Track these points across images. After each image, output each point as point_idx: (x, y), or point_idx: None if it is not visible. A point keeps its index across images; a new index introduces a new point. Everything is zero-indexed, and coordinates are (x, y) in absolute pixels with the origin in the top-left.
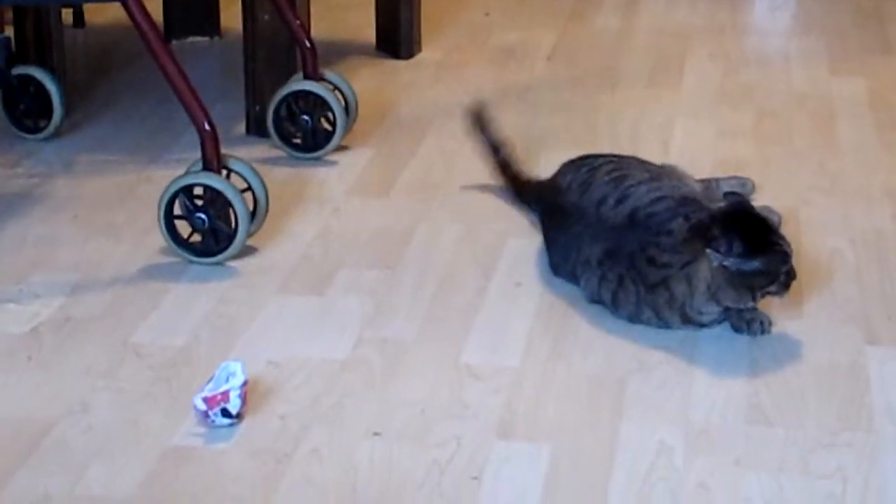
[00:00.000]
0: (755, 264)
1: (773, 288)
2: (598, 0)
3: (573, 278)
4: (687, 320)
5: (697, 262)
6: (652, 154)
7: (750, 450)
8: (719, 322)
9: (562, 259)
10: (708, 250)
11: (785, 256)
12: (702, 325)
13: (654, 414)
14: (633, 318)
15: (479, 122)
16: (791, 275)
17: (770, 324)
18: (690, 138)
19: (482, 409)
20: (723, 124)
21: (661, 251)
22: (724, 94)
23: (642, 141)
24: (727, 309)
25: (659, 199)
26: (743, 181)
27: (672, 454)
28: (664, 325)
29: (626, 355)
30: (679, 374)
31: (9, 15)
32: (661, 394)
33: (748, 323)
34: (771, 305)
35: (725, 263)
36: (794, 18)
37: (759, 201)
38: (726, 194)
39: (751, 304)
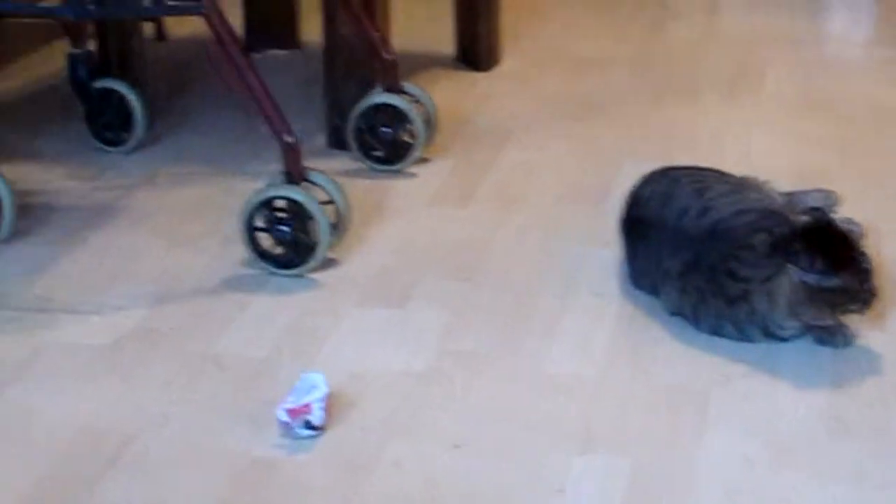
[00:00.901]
0: (836, 281)
1: (853, 305)
2: (677, 10)
3: (654, 290)
4: (768, 334)
5: (778, 277)
6: (732, 165)
7: (833, 463)
8: (802, 335)
9: (642, 271)
10: (789, 266)
11: (866, 274)
12: (783, 339)
13: (737, 427)
14: (715, 331)
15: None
16: (872, 292)
17: (853, 336)
18: (771, 149)
19: (563, 420)
20: (803, 134)
21: (742, 265)
22: (804, 103)
23: (722, 152)
24: (811, 323)
25: (741, 211)
26: (827, 194)
27: (754, 467)
28: (745, 338)
29: (708, 367)
30: (762, 387)
31: (91, 29)
32: (743, 406)
33: (831, 335)
34: (853, 318)
35: (806, 280)
36: (874, 27)
37: (840, 213)
38: (810, 209)
39: (830, 321)
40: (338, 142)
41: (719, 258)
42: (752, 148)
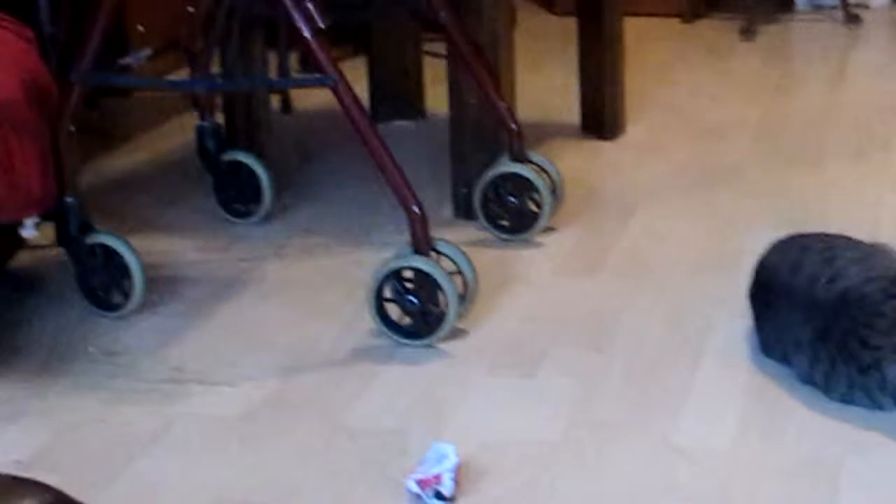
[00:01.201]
0: None
1: None
2: (802, 75)
3: (785, 359)
4: None
5: None
6: (862, 232)
7: None
8: None
9: (773, 339)
10: None
11: None
12: None
13: (872, 496)
14: (846, 400)
15: None
16: None
17: None
18: None
19: (696, 491)
20: None
21: (874, 333)
22: None
23: (852, 219)
24: None
25: (871, 279)
26: None
27: None
28: (878, 407)
29: (841, 437)
30: None
31: (219, 101)
32: (878, 475)
33: None
34: None
35: None
36: None
37: None
38: None
39: None
40: (464, 211)
41: (850, 326)
42: (882, 214)
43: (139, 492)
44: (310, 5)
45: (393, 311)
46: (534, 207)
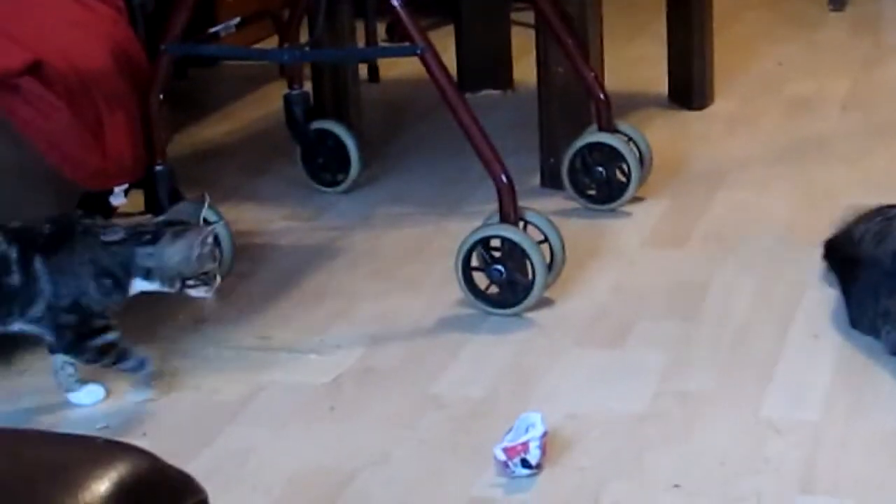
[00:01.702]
0: None
1: None
2: (893, 46)
3: (873, 331)
4: None
5: None
6: None
7: None
8: None
9: (860, 311)
10: None
11: None
12: None
13: None
14: None
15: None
16: None
17: None
18: None
19: (783, 463)
20: None
21: None
22: None
23: None
24: None
25: None
26: None
27: None
28: None
29: None
30: None
31: (307, 70)
32: None
33: None
34: None
35: None
36: None
37: None
38: None
39: None
40: (552, 181)
41: None
42: None
43: (228, 459)
44: None
45: (480, 280)
46: (621, 177)
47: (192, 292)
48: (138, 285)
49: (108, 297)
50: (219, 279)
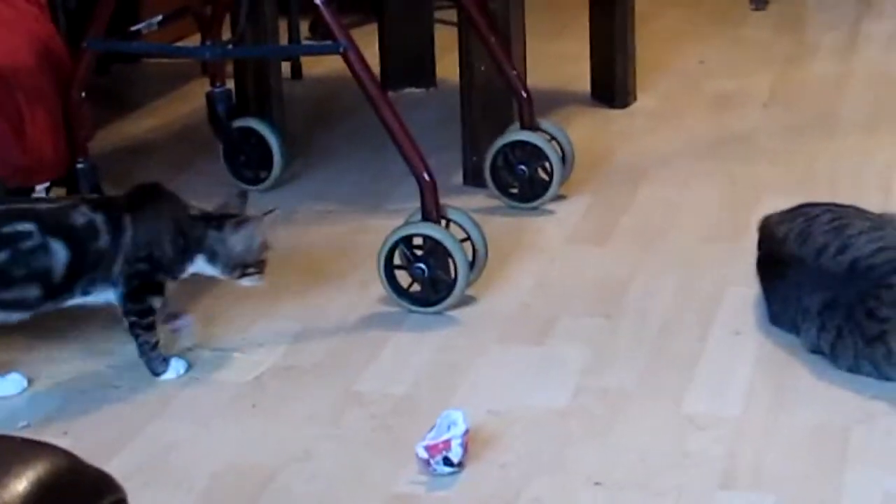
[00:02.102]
0: None
1: None
2: (814, 46)
3: (793, 328)
4: None
5: None
6: (872, 202)
7: None
8: None
9: (781, 308)
10: None
11: None
12: None
13: (880, 464)
14: (853, 370)
15: None
16: None
17: None
18: None
19: (704, 458)
20: None
21: (881, 305)
22: None
23: (862, 189)
24: None
25: (880, 249)
26: None
27: None
28: (884, 377)
29: (849, 405)
30: None
31: (229, 68)
32: (886, 444)
33: None
34: None
35: None
36: None
37: None
38: None
39: None
40: (475, 179)
41: (858, 297)
42: (892, 184)
43: (151, 456)
44: None
45: (403, 278)
46: (544, 175)
47: (247, 281)
48: (199, 265)
49: (176, 258)
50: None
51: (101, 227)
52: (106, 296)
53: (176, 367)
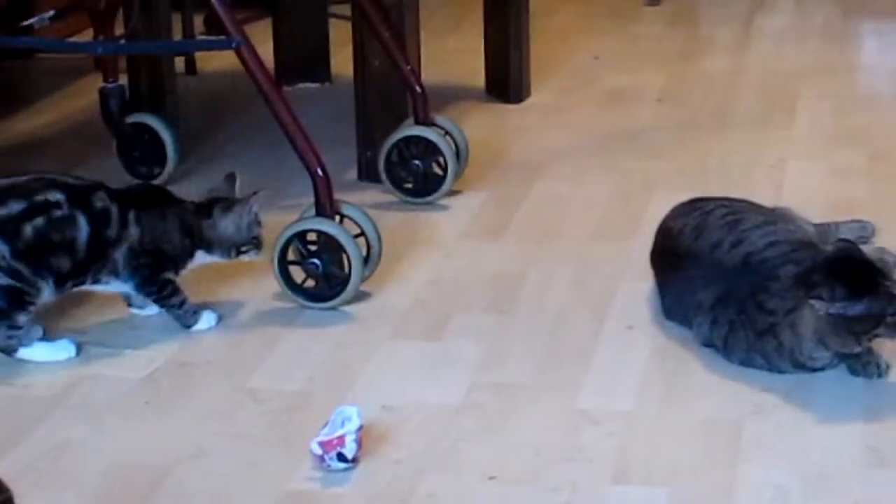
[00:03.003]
0: (859, 308)
1: (880, 330)
2: (707, 41)
3: (686, 322)
4: (798, 365)
5: (801, 309)
6: (764, 197)
7: (867, 493)
8: (835, 365)
9: (675, 303)
10: (811, 300)
11: (891, 298)
12: (815, 370)
13: (771, 457)
14: (745, 363)
15: None
16: None
17: (888, 367)
18: (803, 180)
19: (597, 452)
20: (836, 165)
21: (770, 297)
22: (836, 134)
23: (754, 183)
24: (841, 352)
25: (773, 243)
26: (863, 224)
27: (789, 497)
28: (776, 370)
29: (741, 398)
30: (795, 417)
31: (122, 63)
32: (777, 437)
33: (864, 366)
34: (886, 348)
35: (831, 310)
36: None
37: (875, 243)
38: (837, 240)
39: (857, 348)
40: (369, 174)
41: (749, 290)
42: (785, 179)
43: (42, 455)
44: None
45: (297, 273)
46: (438, 171)
47: (245, 257)
48: (199, 257)
49: (183, 254)
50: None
51: (113, 216)
52: (118, 286)
53: (208, 319)
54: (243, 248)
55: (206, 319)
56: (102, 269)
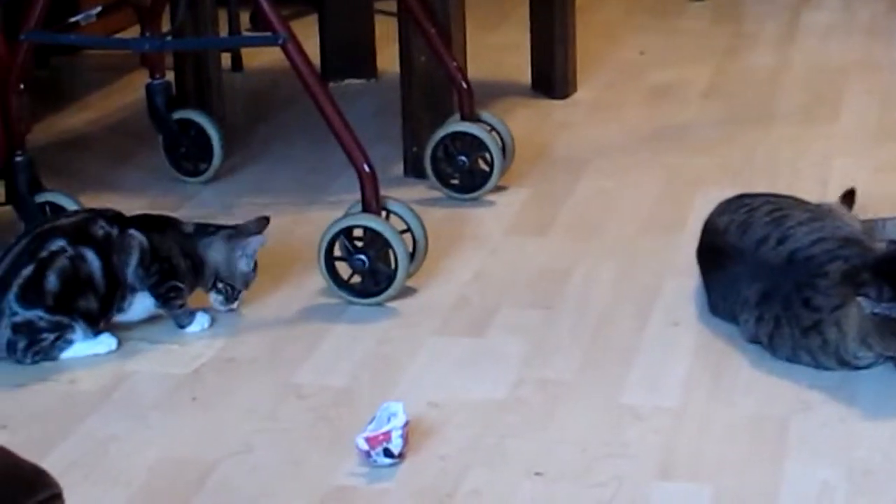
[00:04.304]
0: None
1: None
2: (753, 36)
3: (732, 318)
4: (843, 363)
5: (847, 307)
6: (810, 192)
7: None
8: (881, 363)
9: (720, 299)
10: (858, 297)
11: None
12: (860, 368)
13: (817, 454)
14: (791, 360)
15: None
16: None
17: None
18: (849, 176)
19: (642, 448)
20: (882, 161)
21: (816, 294)
22: (882, 130)
23: (800, 179)
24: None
25: (819, 240)
26: None
27: (835, 494)
28: (821, 367)
29: (787, 395)
30: (841, 414)
31: (169, 60)
32: (823, 433)
33: None
34: None
35: (877, 310)
36: None
37: None
38: (889, 241)
39: None
40: (415, 170)
41: (795, 287)
42: (831, 175)
43: (89, 450)
44: None
45: (343, 269)
46: (484, 166)
47: (214, 295)
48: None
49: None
50: (239, 301)
51: (115, 240)
52: (141, 308)
53: (200, 321)
54: (219, 285)
55: (199, 321)
56: (124, 294)
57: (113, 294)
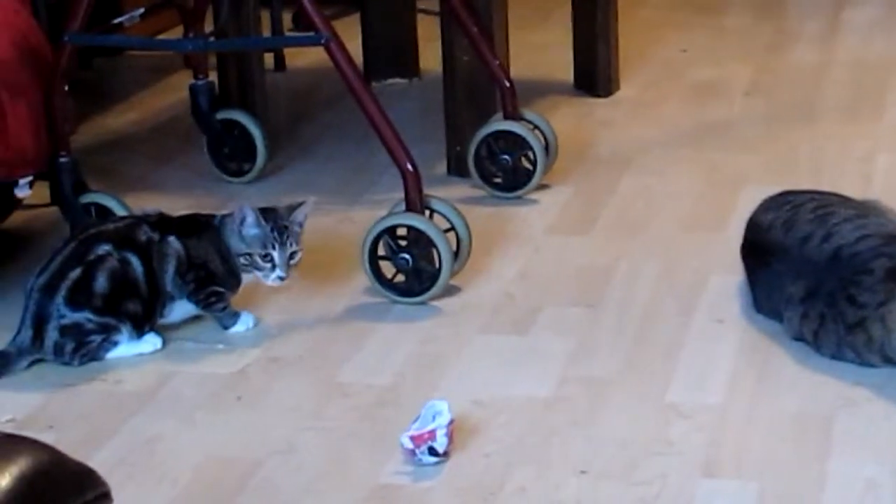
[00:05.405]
0: None
1: None
2: (795, 33)
3: (776, 315)
4: (888, 360)
5: (892, 303)
6: (853, 189)
7: None
8: None
9: (765, 296)
10: None
11: None
12: None
13: (862, 451)
14: (836, 357)
15: None
16: None
17: None
18: (893, 172)
19: (687, 446)
20: None
21: (861, 290)
22: None
23: (843, 176)
24: None
25: (864, 237)
26: None
27: (880, 491)
28: (866, 363)
29: (831, 392)
30: (886, 411)
31: (212, 60)
32: (868, 430)
33: None
34: None
35: None
36: None
37: None
38: None
39: None
40: (458, 169)
41: (840, 284)
42: (874, 171)
43: (135, 449)
44: None
45: (387, 268)
46: (527, 165)
47: (252, 276)
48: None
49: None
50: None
51: (155, 247)
52: (182, 311)
53: (245, 321)
54: (242, 261)
55: (244, 321)
56: (164, 301)
57: (155, 300)
